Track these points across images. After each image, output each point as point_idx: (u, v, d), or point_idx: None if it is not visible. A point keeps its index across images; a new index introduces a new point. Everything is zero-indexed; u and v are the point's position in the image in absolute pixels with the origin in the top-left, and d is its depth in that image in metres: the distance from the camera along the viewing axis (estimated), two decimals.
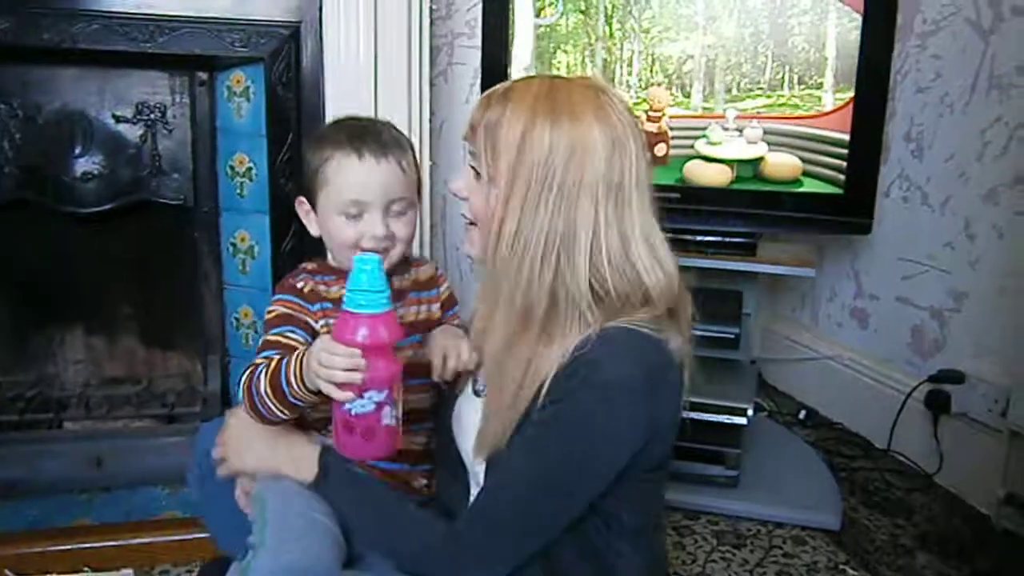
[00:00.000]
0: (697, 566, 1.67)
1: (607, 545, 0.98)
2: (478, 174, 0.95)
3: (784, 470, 1.99)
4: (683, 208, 1.89)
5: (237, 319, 1.94)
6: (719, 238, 1.92)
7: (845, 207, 1.79)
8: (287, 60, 1.78)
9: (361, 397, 0.92)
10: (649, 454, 0.95)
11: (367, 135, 1.08)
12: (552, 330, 0.92)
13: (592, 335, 0.90)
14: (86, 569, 1.54)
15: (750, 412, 1.82)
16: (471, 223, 1.00)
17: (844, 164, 1.77)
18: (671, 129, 1.89)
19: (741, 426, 1.83)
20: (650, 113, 1.89)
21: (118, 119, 1.83)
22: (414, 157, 1.12)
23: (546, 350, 0.92)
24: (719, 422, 1.83)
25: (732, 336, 1.91)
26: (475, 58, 2.15)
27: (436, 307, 1.20)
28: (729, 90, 1.85)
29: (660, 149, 1.90)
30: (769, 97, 1.83)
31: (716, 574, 1.65)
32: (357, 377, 0.89)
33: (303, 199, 1.16)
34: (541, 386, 0.91)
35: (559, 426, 0.90)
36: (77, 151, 1.82)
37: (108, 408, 1.95)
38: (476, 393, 1.07)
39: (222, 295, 1.94)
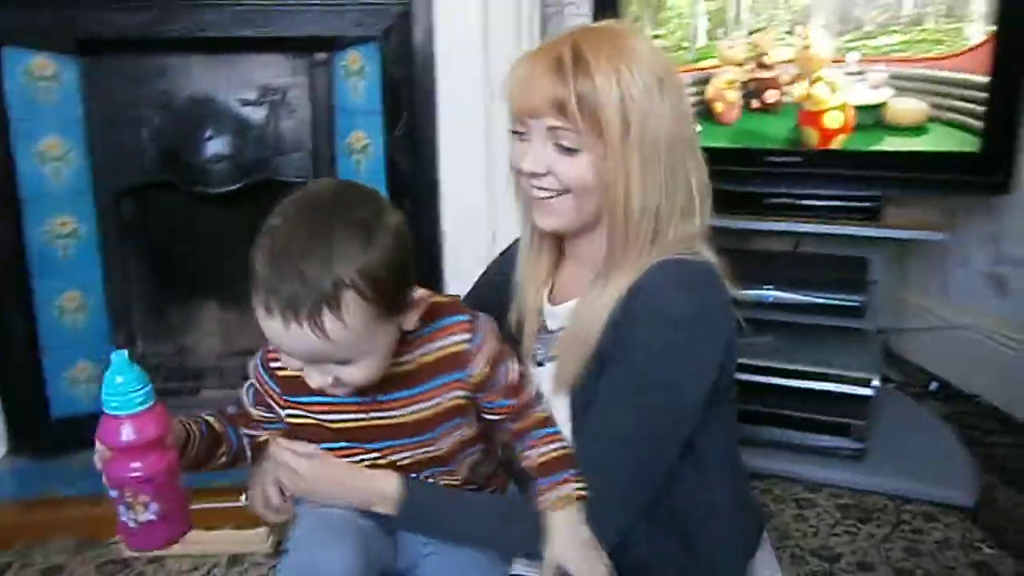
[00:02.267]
0: (819, 539, 1.62)
1: (699, 487, 0.99)
2: (567, 148, 0.92)
3: (914, 443, 1.90)
4: (803, 172, 1.83)
5: None
6: (841, 203, 1.85)
7: (982, 164, 1.68)
8: (400, 38, 1.82)
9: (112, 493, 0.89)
10: (724, 376, 0.97)
11: (283, 278, 0.78)
12: (620, 265, 0.94)
13: (647, 267, 0.93)
14: (228, 527, 1.64)
15: (876, 383, 1.75)
16: (555, 195, 0.95)
17: (980, 111, 1.64)
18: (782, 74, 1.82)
19: (867, 397, 1.76)
20: (761, 58, 1.82)
21: (244, 102, 1.92)
22: (366, 288, 0.79)
23: (611, 283, 0.94)
24: (843, 393, 1.77)
25: (857, 304, 1.84)
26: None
27: (461, 394, 0.95)
28: (859, 27, 1.73)
29: (771, 96, 1.83)
30: (906, 33, 1.70)
31: (840, 547, 1.60)
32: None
33: None
34: (607, 321, 0.93)
35: (643, 372, 0.91)
36: (208, 134, 1.93)
37: (241, 377, 2.06)
38: (538, 364, 1.06)
39: None
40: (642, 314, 0.91)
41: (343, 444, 0.97)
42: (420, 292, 0.90)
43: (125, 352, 0.86)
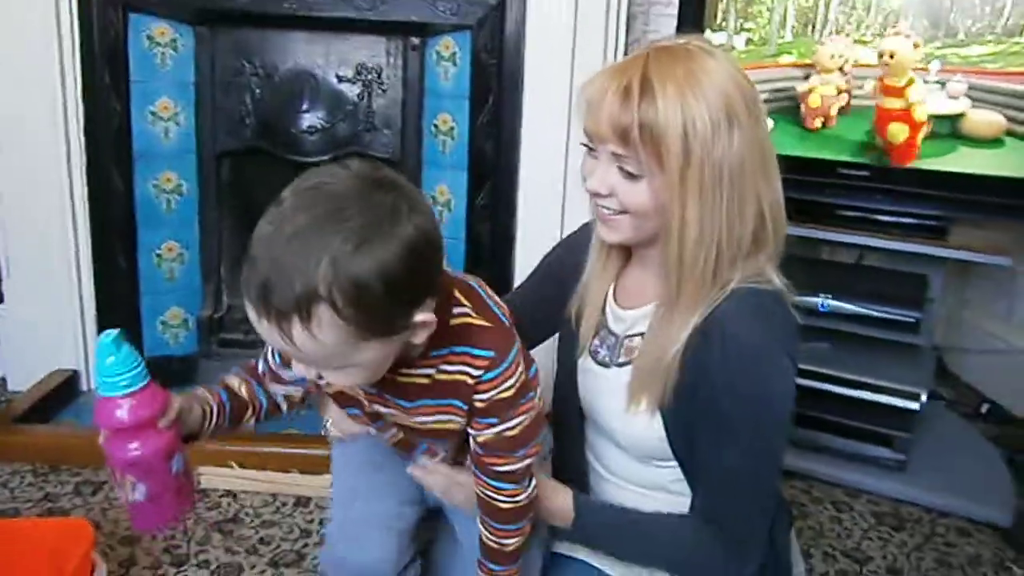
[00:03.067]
0: (852, 541, 1.69)
1: None
2: (629, 173, 0.93)
3: (956, 460, 1.94)
4: (872, 186, 1.86)
5: None
6: (907, 219, 1.88)
7: None
8: (492, 28, 1.91)
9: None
10: None
11: (263, 271, 0.72)
12: (681, 292, 0.95)
13: (720, 298, 0.94)
14: (294, 470, 1.79)
15: (923, 398, 1.80)
16: (618, 213, 0.97)
17: None
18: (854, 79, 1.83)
19: (913, 411, 1.81)
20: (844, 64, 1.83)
21: (340, 79, 2.04)
22: (343, 305, 0.72)
23: (677, 312, 0.96)
24: (890, 405, 1.82)
25: (912, 320, 1.87)
26: (668, 25, 2.18)
27: (457, 419, 0.92)
28: (952, 34, 1.72)
29: (842, 99, 1.85)
30: (999, 44, 1.68)
31: (871, 551, 1.66)
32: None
33: None
34: (684, 349, 0.96)
35: (744, 412, 0.94)
36: (304, 107, 2.06)
37: None
38: (601, 364, 1.08)
39: None
40: (725, 350, 0.92)
41: (357, 412, 1.00)
42: (460, 308, 0.87)
43: (113, 333, 0.84)
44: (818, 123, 1.88)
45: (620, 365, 1.05)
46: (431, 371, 0.89)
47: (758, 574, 1.03)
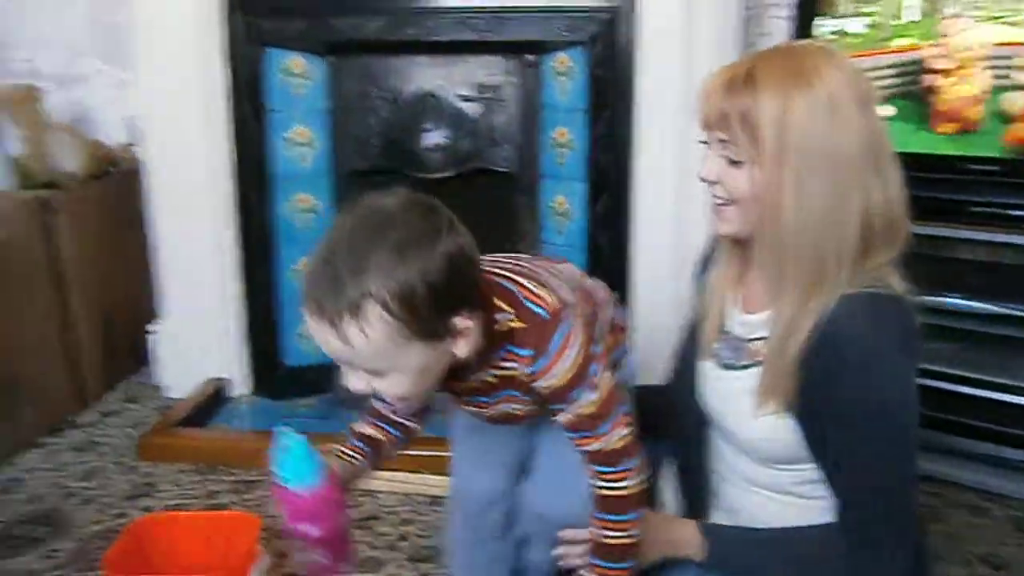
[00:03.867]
0: (988, 546, 1.64)
1: None
2: (732, 161, 0.97)
3: None
4: (1004, 181, 1.81)
5: None
6: None
7: None
8: (606, 42, 1.97)
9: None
10: None
11: (320, 277, 0.83)
12: (783, 285, 0.97)
13: (838, 298, 0.95)
14: (421, 471, 1.88)
15: None
16: (725, 203, 1.01)
17: None
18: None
19: None
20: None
21: (462, 98, 2.14)
22: (394, 305, 0.81)
23: (809, 305, 0.96)
24: None
25: None
26: (780, 28, 2.18)
27: (528, 406, 1.05)
28: None
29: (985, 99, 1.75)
30: None
31: (1008, 556, 1.62)
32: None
33: None
34: (803, 351, 0.97)
35: (877, 420, 0.95)
36: (428, 126, 2.17)
37: None
38: (726, 367, 1.09)
39: (539, 251, 2.20)
40: (839, 354, 0.94)
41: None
42: (503, 314, 0.94)
43: (292, 432, 0.95)
44: (949, 128, 1.80)
45: (744, 367, 1.07)
46: (494, 371, 0.99)
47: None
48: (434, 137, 2.17)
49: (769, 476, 1.07)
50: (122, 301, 2.41)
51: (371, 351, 0.84)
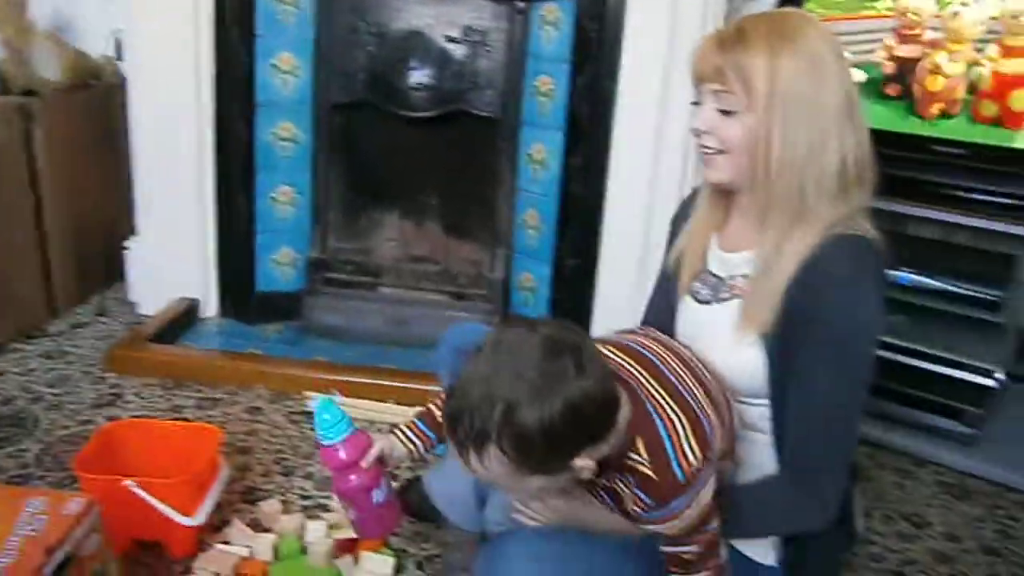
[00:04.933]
0: (913, 506, 1.75)
1: None
2: (725, 111, 1.07)
3: None
4: (967, 166, 1.87)
5: (524, 219, 2.25)
6: (998, 199, 1.89)
7: None
8: None
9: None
10: None
11: (460, 401, 0.89)
12: (800, 221, 1.06)
13: (824, 236, 1.04)
14: (391, 400, 1.95)
15: (999, 375, 1.83)
16: (716, 152, 1.10)
17: None
18: None
19: (987, 387, 1.85)
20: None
21: (448, 39, 2.15)
22: (510, 448, 0.87)
23: (794, 239, 1.06)
24: (964, 380, 1.86)
25: (994, 298, 1.90)
26: None
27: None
28: None
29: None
30: None
31: (931, 516, 1.72)
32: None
33: None
34: (790, 282, 1.05)
35: (841, 343, 1.03)
36: (413, 64, 2.18)
37: (413, 280, 2.37)
38: (700, 302, 1.18)
39: (513, 197, 2.25)
40: (828, 288, 1.02)
41: None
42: (637, 457, 0.94)
43: (325, 397, 1.17)
44: (935, 110, 1.85)
45: (722, 301, 1.15)
46: (605, 483, 1.00)
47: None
48: (419, 76, 2.18)
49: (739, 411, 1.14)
50: (97, 215, 2.42)
51: (491, 478, 0.93)
